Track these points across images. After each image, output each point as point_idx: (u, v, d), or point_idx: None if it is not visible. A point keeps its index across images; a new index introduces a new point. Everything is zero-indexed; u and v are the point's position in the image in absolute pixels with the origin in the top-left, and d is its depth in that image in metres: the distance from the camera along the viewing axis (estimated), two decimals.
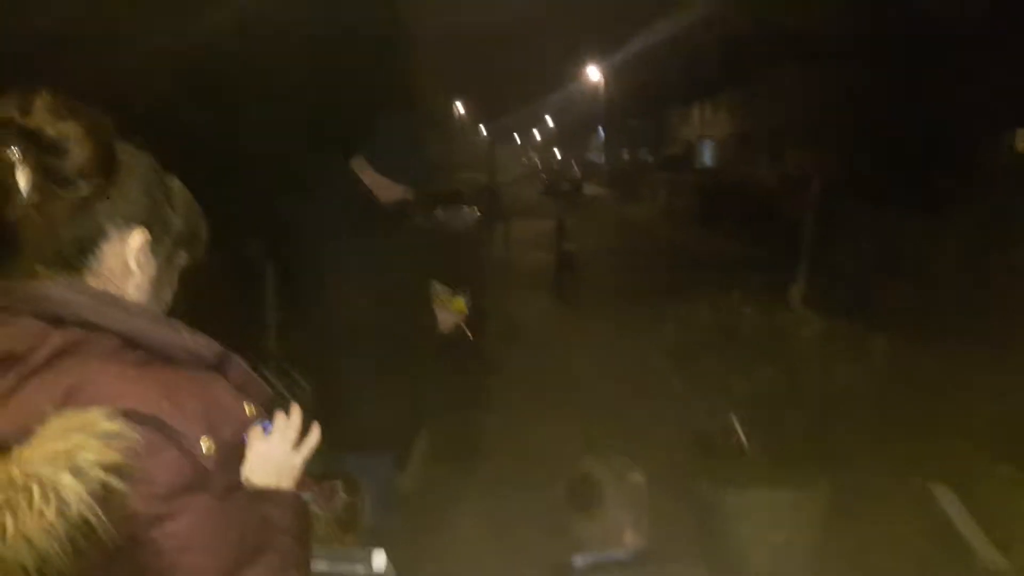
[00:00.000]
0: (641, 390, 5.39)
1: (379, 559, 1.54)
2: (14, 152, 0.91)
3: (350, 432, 2.48)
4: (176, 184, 1.10)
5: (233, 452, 0.98)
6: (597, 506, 1.82)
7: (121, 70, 4.14)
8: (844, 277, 6.99)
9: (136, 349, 0.96)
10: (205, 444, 0.92)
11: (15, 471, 0.81)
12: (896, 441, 4.28)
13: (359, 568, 1.54)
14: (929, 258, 8.24)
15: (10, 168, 0.92)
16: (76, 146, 0.93)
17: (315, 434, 1.22)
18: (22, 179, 0.92)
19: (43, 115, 0.92)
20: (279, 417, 1.16)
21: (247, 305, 5.34)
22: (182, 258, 1.12)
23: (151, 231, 1.04)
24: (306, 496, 1.98)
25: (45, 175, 0.93)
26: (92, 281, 1.00)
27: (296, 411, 1.19)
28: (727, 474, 3.50)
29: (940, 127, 12.04)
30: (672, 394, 3.75)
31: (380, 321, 2.50)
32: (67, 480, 0.80)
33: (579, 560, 1.81)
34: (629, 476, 1.88)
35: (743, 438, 3.25)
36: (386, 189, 2.67)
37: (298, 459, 1.20)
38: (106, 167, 0.97)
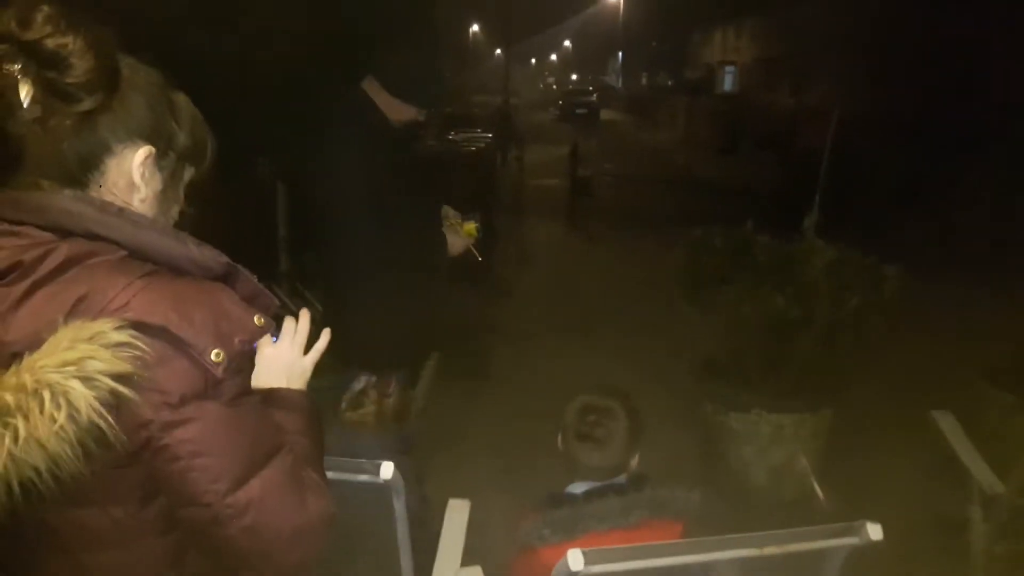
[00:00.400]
0: (652, 315, 5.42)
1: (386, 470, 1.59)
2: (14, 66, 0.91)
3: (361, 352, 2.53)
4: (181, 99, 1.09)
5: (242, 360, 0.98)
6: (598, 435, 1.83)
7: None
8: (860, 209, 6.94)
9: (143, 261, 0.97)
10: (214, 353, 0.93)
11: (26, 377, 0.83)
12: (902, 370, 4.32)
13: (367, 478, 1.60)
14: (946, 193, 8.14)
15: (11, 82, 0.91)
16: (77, 59, 0.92)
17: (324, 338, 1.24)
18: (23, 93, 0.91)
19: (43, 28, 0.91)
20: (288, 322, 1.19)
21: (259, 225, 5.35)
22: (187, 173, 1.11)
23: (155, 146, 1.03)
24: (362, 383, 2.08)
25: (46, 89, 0.92)
26: (97, 194, 1.00)
27: (305, 317, 1.22)
28: (732, 398, 3.55)
29: (967, 59, 11.70)
30: (682, 321, 3.75)
31: (390, 242, 2.51)
32: (77, 387, 0.83)
33: (577, 488, 1.84)
34: (629, 405, 1.90)
35: (818, 490, 3.30)
36: (398, 110, 2.64)
37: (308, 362, 1.23)
38: (108, 81, 0.96)
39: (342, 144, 2.55)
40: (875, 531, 1.49)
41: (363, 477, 1.59)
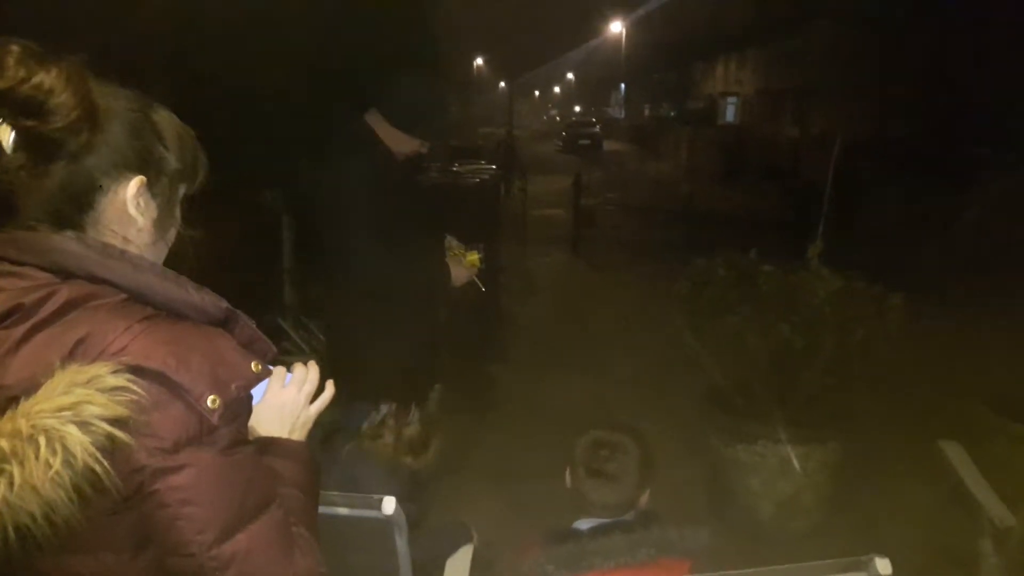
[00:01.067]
0: (656, 346, 5.40)
1: (388, 505, 1.57)
2: None
3: (364, 384, 2.52)
4: (164, 116, 1.06)
5: (239, 408, 0.98)
6: (609, 471, 1.80)
7: (132, 22, 4.12)
8: (864, 237, 6.94)
9: (143, 304, 0.96)
10: (210, 399, 0.92)
11: (22, 423, 0.82)
12: (909, 399, 4.28)
13: (370, 513, 1.58)
14: (948, 222, 8.15)
15: None
16: (55, 101, 0.90)
17: (329, 390, 1.23)
18: (6, 140, 0.90)
19: (16, 72, 0.89)
20: (298, 368, 1.18)
21: (265, 257, 5.36)
22: (181, 191, 1.09)
23: (146, 175, 1.02)
24: (382, 412, 2.05)
25: (27, 136, 0.91)
26: (94, 233, 0.99)
27: (314, 365, 1.20)
28: (739, 429, 3.52)
29: (970, 86, 11.78)
30: (687, 351, 3.74)
31: (393, 273, 2.52)
32: (73, 432, 0.82)
33: (583, 524, 1.81)
34: (640, 440, 1.87)
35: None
36: (401, 142, 2.66)
37: (312, 412, 1.22)
38: (89, 118, 0.94)
39: (346, 176, 2.57)
40: (884, 566, 1.47)
41: (365, 512, 1.57)
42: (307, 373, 1.20)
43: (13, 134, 0.90)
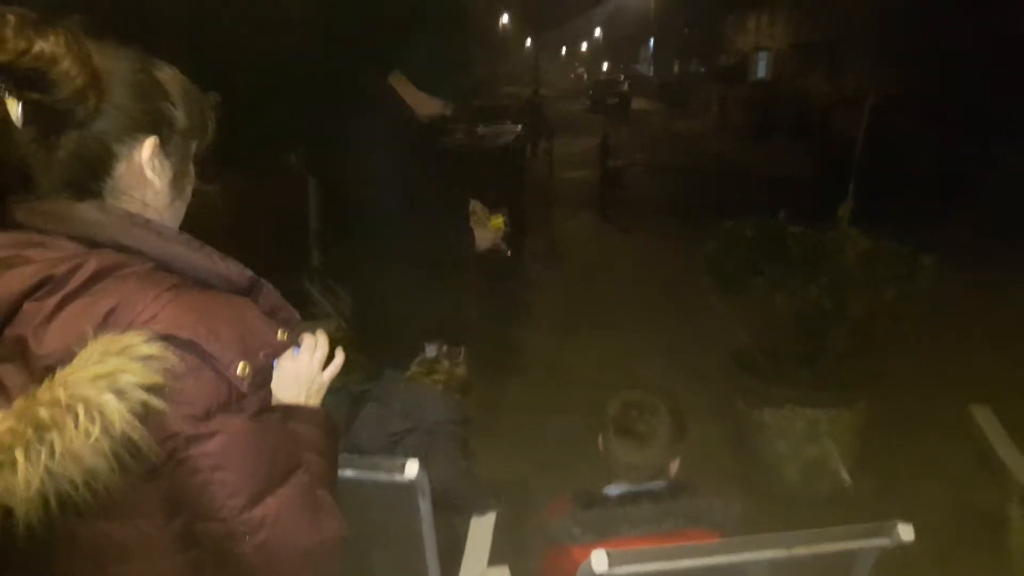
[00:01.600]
0: (683, 308, 5.38)
1: (412, 468, 1.59)
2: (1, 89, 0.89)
3: (390, 346, 2.54)
4: (167, 73, 1.05)
5: (266, 375, 0.99)
6: (639, 431, 1.80)
7: None
8: (896, 197, 6.81)
9: (170, 273, 0.97)
10: (240, 367, 0.94)
11: (60, 392, 0.83)
12: (939, 362, 4.23)
13: (394, 476, 1.60)
14: (981, 182, 7.95)
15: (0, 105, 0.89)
16: (57, 71, 0.89)
17: (340, 356, 1.24)
18: (15, 112, 0.90)
19: (14, 45, 0.87)
20: (307, 337, 1.19)
21: (291, 220, 5.39)
22: (194, 147, 1.09)
23: (158, 134, 1.02)
24: (434, 350, 2.17)
25: (35, 108, 0.90)
26: (113, 200, 1.00)
27: (322, 333, 1.22)
28: (766, 392, 3.50)
29: (1003, 47, 11.41)
30: (714, 313, 3.71)
31: (418, 236, 2.51)
32: (111, 400, 0.83)
33: (613, 489, 1.81)
34: (673, 405, 1.86)
35: (844, 473, 3.28)
36: (424, 104, 2.64)
37: (326, 378, 1.23)
38: (93, 84, 0.94)
39: (369, 139, 2.55)
40: (906, 532, 1.46)
41: (389, 476, 1.58)
42: (316, 340, 1.21)
43: (21, 107, 0.90)
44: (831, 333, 3.36)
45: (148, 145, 1.01)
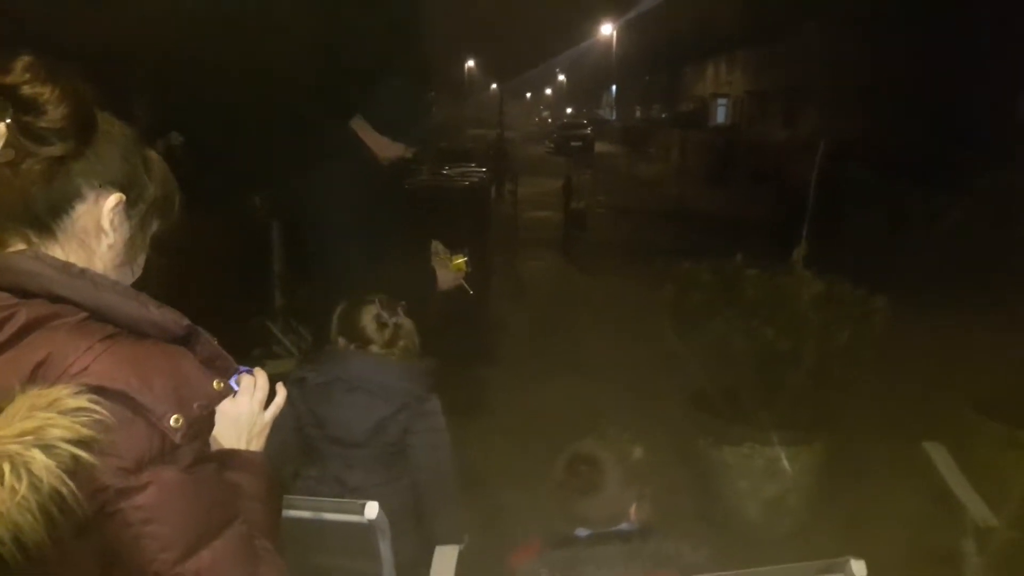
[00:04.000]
0: (645, 349, 5.42)
1: (371, 509, 1.58)
2: None
3: None
4: (154, 156, 1.10)
5: (201, 426, 0.98)
6: (586, 486, 1.79)
7: (126, 31, 4.12)
8: (849, 240, 6.99)
9: (104, 322, 0.96)
10: (173, 419, 0.93)
11: None
12: (893, 401, 4.31)
13: (353, 518, 1.59)
14: (932, 226, 8.21)
15: None
16: (53, 106, 0.93)
17: (281, 393, 1.23)
18: None
19: (22, 75, 0.92)
20: (246, 379, 1.17)
21: (254, 262, 5.36)
22: (155, 224, 1.11)
23: (127, 194, 1.04)
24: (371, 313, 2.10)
25: (20, 132, 0.93)
26: (64, 241, 1.00)
27: (261, 372, 1.21)
28: (725, 432, 3.54)
29: (954, 92, 11.88)
30: (673, 354, 3.75)
31: (380, 277, 2.53)
32: (38, 456, 0.81)
33: (583, 531, 1.81)
34: (631, 452, 1.86)
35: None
36: (385, 148, 2.68)
37: (268, 417, 1.21)
38: (82, 129, 0.97)
39: (331, 182, 2.58)
40: (859, 568, 1.49)
41: (347, 517, 1.57)
42: (255, 380, 1.20)
43: (7, 133, 0.92)
44: (787, 374, 3.42)
45: (114, 198, 1.02)
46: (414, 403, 2.15)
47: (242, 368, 1.16)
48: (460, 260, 2.87)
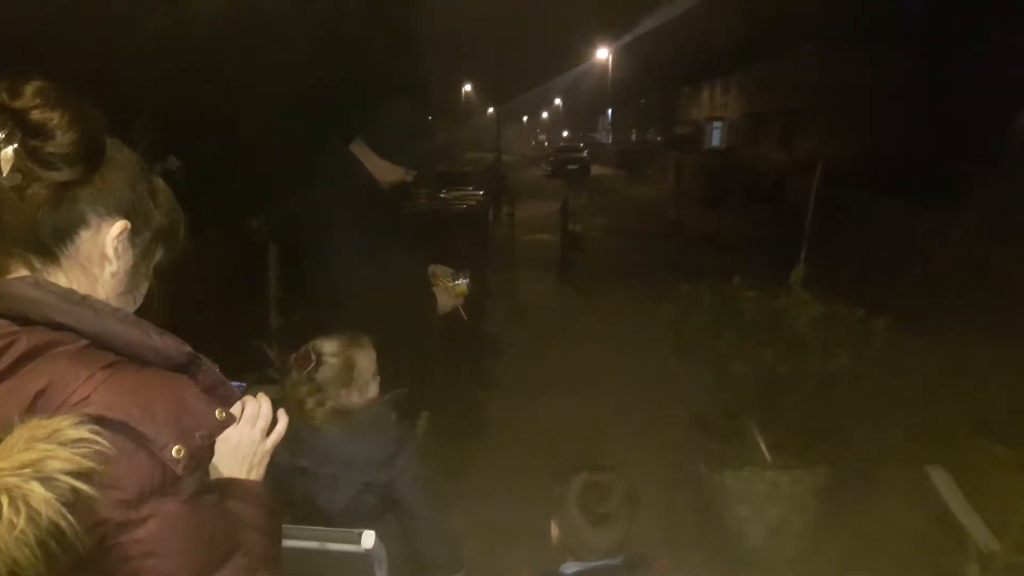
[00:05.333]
0: (644, 371, 5.41)
1: (368, 539, 1.56)
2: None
3: None
4: (160, 183, 1.10)
5: (203, 456, 0.97)
6: (602, 513, 1.78)
7: (124, 53, 4.15)
8: (846, 262, 6.99)
9: (105, 350, 0.95)
10: (175, 449, 0.91)
11: None
12: (894, 423, 4.29)
13: (349, 547, 1.56)
14: (930, 245, 8.22)
15: None
16: (61, 131, 0.93)
17: (283, 420, 1.22)
18: (4, 159, 0.91)
19: (32, 100, 0.92)
20: (249, 404, 1.16)
21: (252, 286, 5.35)
22: (159, 253, 1.11)
23: (132, 222, 1.03)
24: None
25: (28, 156, 0.92)
26: (67, 267, 1.00)
27: (265, 398, 1.19)
28: (727, 455, 3.51)
29: (950, 110, 11.96)
30: (673, 376, 3.74)
31: (379, 301, 2.52)
32: (37, 489, 0.79)
33: (569, 568, 1.79)
34: (626, 483, 1.84)
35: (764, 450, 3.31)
36: (385, 171, 2.68)
37: (268, 445, 1.20)
38: (90, 155, 0.97)
39: (331, 206, 2.58)
40: None
41: (344, 547, 1.55)
42: (259, 407, 1.18)
43: (14, 158, 0.92)
44: (788, 396, 3.40)
45: (119, 225, 1.02)
46: (388, 464, 2.06)
47: (237, 384, 1.13)
48: (461, 286, 2.86)
